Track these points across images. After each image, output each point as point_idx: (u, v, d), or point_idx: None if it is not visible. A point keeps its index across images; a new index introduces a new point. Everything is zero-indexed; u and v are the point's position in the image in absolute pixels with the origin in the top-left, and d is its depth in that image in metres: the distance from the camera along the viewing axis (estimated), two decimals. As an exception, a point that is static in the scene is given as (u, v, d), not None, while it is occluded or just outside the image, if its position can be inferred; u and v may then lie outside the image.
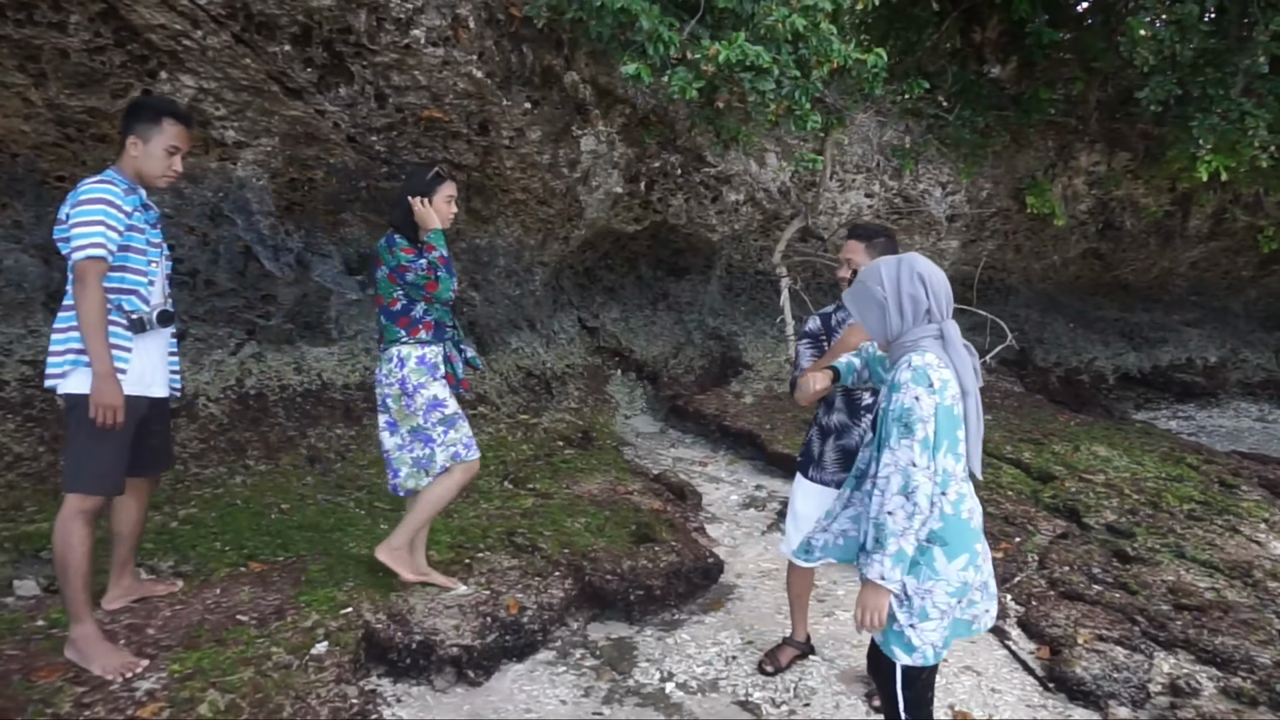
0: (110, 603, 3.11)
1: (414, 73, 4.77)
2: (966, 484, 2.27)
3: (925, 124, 8.49)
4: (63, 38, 4.00)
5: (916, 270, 2.30)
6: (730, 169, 7.71)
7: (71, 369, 2.72)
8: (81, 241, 2.66)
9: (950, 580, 2.21)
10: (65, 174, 4.61)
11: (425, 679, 3.24)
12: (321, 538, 3.85)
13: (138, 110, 2.94)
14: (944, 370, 2.21)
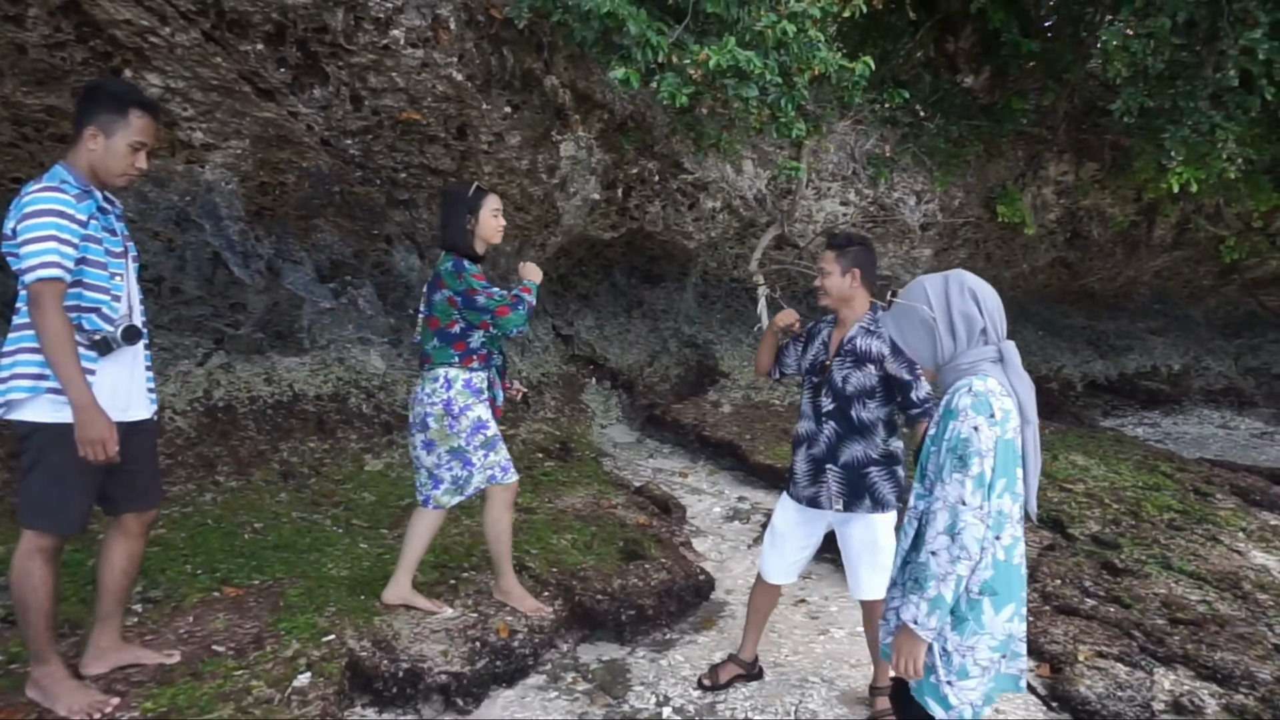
0: (89, 667, 2.74)
1: (391, 74, 4.61)
2: (1021, 526, 2.05)
3: (901, 133, 8.51)
4: (20, 32, 3.79)
5: (967, 285, 2.08)
6: (707, 176, 7.64)
7: (28, 396, 2.42)
8: (33, 261, 2.34)
9: (995, 634, 2.01)
10: (21, 175, 4.38)
11: (412, 708, 3.09)
12: (298, 558, 3.68)
13: (97, 97, 2.54)
14: (1006, 399, 1.99)
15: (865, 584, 3.13)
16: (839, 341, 3.13)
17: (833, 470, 3.07)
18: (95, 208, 2.55)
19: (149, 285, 4.75)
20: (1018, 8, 7.83)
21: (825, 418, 3.10)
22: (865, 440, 3.06)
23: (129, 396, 2.65)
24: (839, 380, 3.08)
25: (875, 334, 3.08)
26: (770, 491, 6.01)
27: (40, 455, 2.45)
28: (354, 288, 5.52)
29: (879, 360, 3.05)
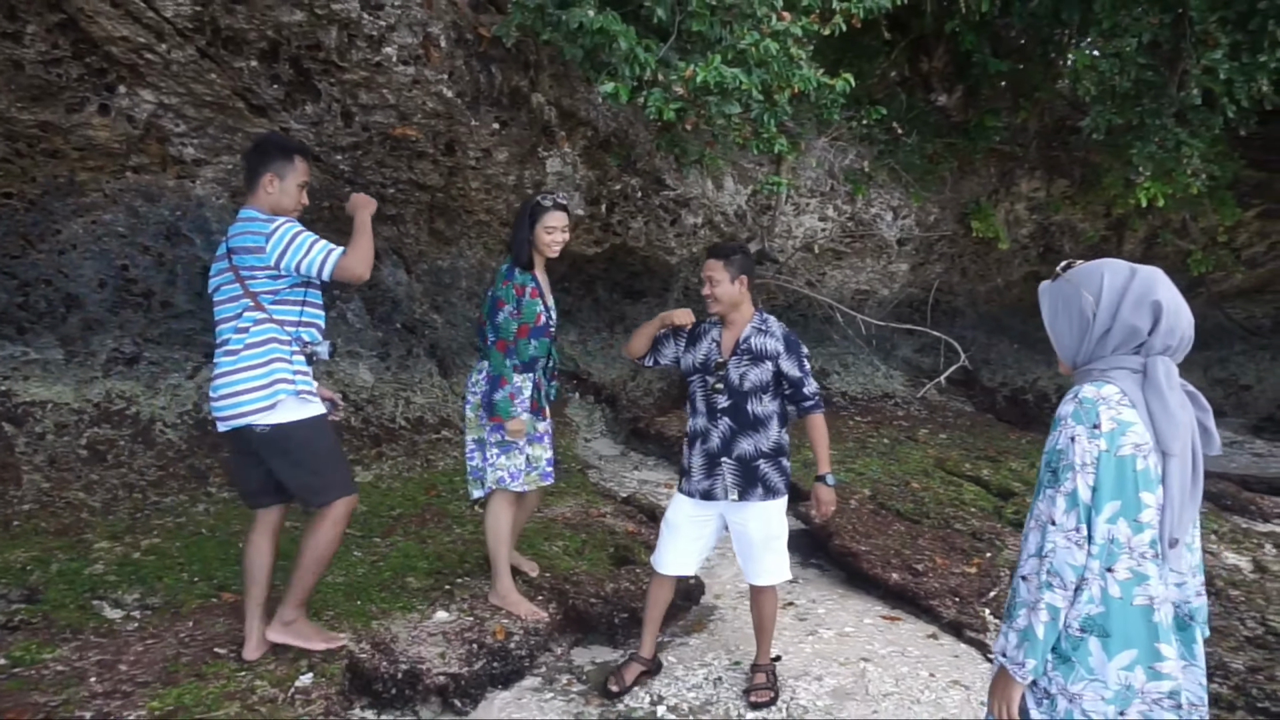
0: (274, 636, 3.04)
1: (383, 91, 4.70)
2: (1155, 563, 1.75)
3: (878, 150, 8.70)
4: (17, 49, 3.85)
5: (1150, 298, 1.78)
6: (689, 192, 7.76)
7: (285, 398, 2.86)
8: (321, 255, 2.88)
9: (1108, 682, 1.73)
10: (13, 190, 4.43)
11: (411, 710, 3.14)
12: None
13: (269, 149, 3.04)
14: (1124, 410, 1.74)
15: (764, 568, 3.34)
16: (733, 341, 3.30)
17: (727, 463, 3.26)
18: None
19: (139, 299, 4.79)
20: (989, 30, 8.05)
21: (720, 414, 3.27)
22: (758, 434, 3.27)
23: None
24: (736, 378, 3.25)
25: (767, 333, 3.31)
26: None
27: (310, 444, 2.92)
28: (342, 302, 5.57)
29: (774, 357, 3.26)
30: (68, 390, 4.43)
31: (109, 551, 3.57)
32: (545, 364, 3.63)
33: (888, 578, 4.33)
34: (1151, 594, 1.75)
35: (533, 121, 5.59)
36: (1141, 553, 1.74)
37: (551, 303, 3.66)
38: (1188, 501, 1.75)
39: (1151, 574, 1.74)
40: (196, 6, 3.87)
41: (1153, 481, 1.74)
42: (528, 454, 3.58)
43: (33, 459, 4.01)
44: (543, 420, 3.65)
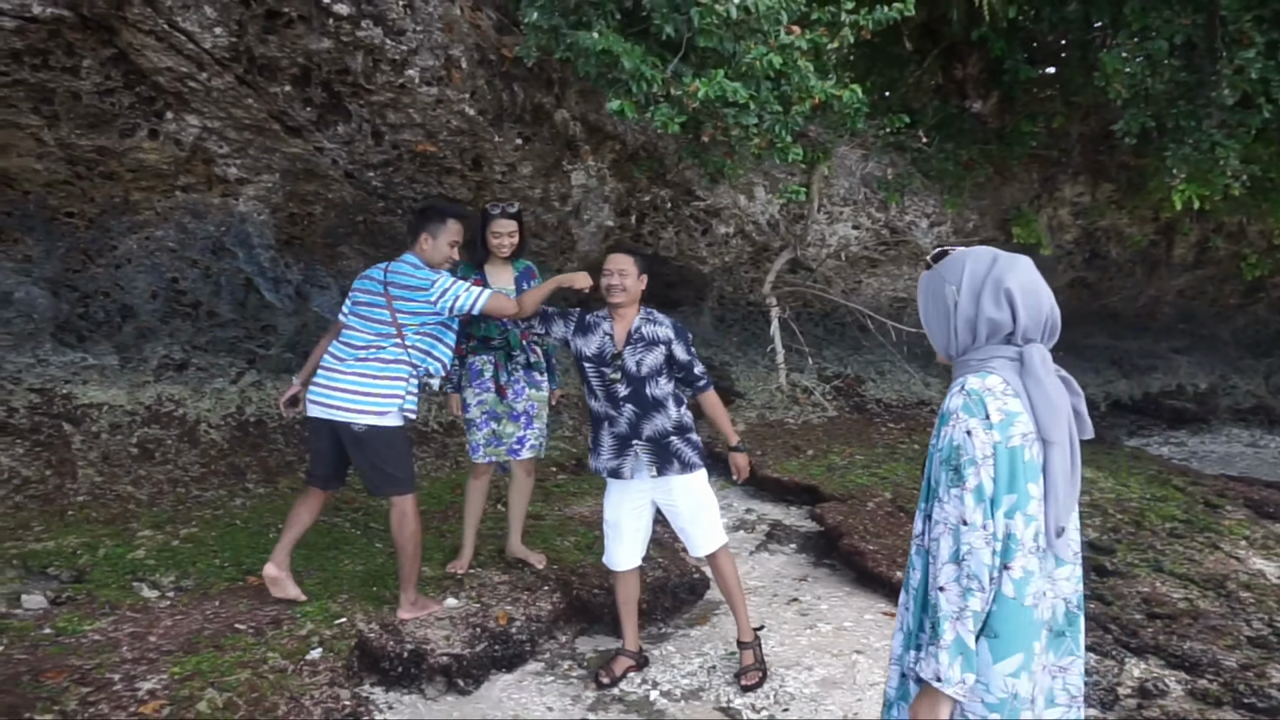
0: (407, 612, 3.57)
1: (409, 111, 4.98)
2: (1042, 559, 1.68)
3: (910, 157, 8.73)
4: (75, 81, 4.22)
5: (1005, 286, 1.74)
6: (719, 202, 7.92)
7: (395, 409, 3.45)
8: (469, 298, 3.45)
9: (990, 687, 1.64)
10: (74, 210, 4.82)
11: (416, 688, 3.35)
12: (318, 555, 3.98)
13: (428, 213, 3.66)
14: (1010, 400, 1.68)
15: (702, 538, 3.55)
16: (625, 332, 3.50)
17: (639, 444, 3.46)
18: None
19: (187, 310, 5.14)
20: (1019, 35, 8.04)
21: (623, 401, 3.46)
22: (660, 414, 3.46)
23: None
24: (632, 365, 3.44)
25: (655, 322, 3.55)
26: (777, 504, 6.20)
27: (398, 447, 3.51)
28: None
29: (666, 342, 3.48)
30: (121, 393, 4.80)
31: (151, 539, 3.89)
32: (502, 349, 3.95)
33: (892, 576, 4.40)
34: (1038, 591, 1.67)
35: (555, 136, 5.83)
36: (1029, 549, 1.65)
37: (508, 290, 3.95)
38: (1069, 488, 1.71)
39: (1035, 570, 1.66)
40: (232, 38, 4.20)
41: (1037, 472, 1.68)
42: (492, 428, 3.95)
43: (87, 455, 4.37)
44: (520, 400, 3.97)
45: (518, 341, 3.98)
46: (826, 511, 5.33)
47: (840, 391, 8.78)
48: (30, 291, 4.66)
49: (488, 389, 3.93)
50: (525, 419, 3.97)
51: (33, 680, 2.67)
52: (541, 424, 4.05)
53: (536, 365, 4.04)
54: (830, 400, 8.58)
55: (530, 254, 6.90)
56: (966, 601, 1.62)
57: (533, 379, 4.02)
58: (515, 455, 3.98)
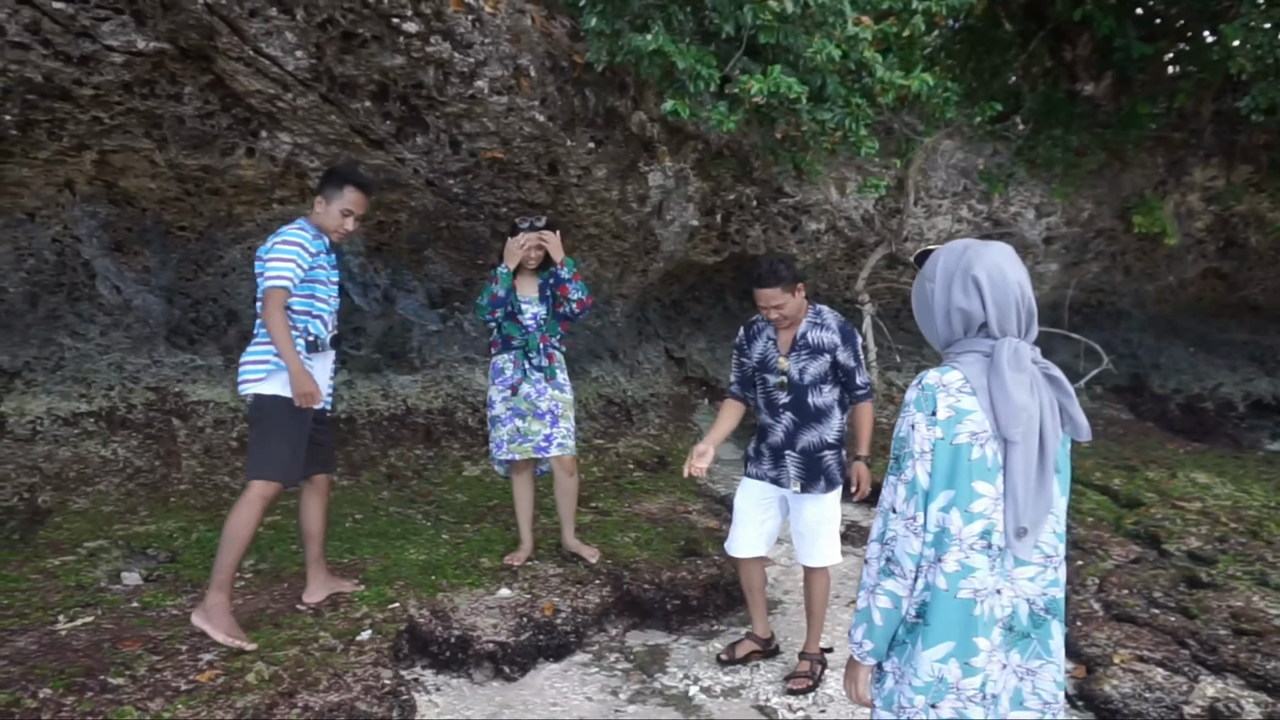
0: (311, 596, 3.54)
1: (482, 120, 5.18)
2: (993, 556, 1.71)
3: (1015, 146, 8.35)
4: (179, 106, 4.63)
5: (972, 273, 1.73)
6: (809, 198, 7.82)
7: (270, 374, 3.24)
8: (273, 274, 3.22)
9: (919, 672, 1.72)
10: (186, 224, 5.27)
11: (465, 672, 3.51)
12: (386, 544, 4.21)
13: (331, 175, 3.53)
14: (963, 397, 1.69)
15: (818, 553, 3.47)
16: (791, 338, 3.39)
17: (791, 456, 3.38)
18: (324, 248, 3.51)
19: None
20: (1131, 12, 7.56)
21: (782, 409, 3.37)
22: (821, 425, 3.39)
23: (324, 388, 3.46)
24: (796, 372, 3.36)
25: (823, 326, 3.40)
26: (860, 504, 6.08)
27: (272, 420, 3.22)
28: (460, 312, 6.13)
29: (831, 349, 3.36)
30: (225, 391, 5.21)
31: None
32: (520, 349, 4.10)
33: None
34: (977, 587, 1.70)
35: (629, 139, 5.92)
36: (970, 544, 1.69)
37: (530, 298, 4.17)
38: (1034, 490, 1.69)
39: (980, 566, 1.69)
40: (312, 59, 4.50)
41: (990, 471, 1.68)
42: (516, 425, 4.05)
43: (191, 448, 4.79)
44: (543, 399, 4.07)
45: (535, 344, 4.08)
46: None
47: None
48: (147, 299, 5.13)
49: (509, 385, 4.07)
50: (551, 417, 4.05)
51: (112, 647, 2.98)
52: (569, 423, 4.12)
53: (549, 370, 4.10)
54: (928, 399, 8.33)
55: (613, 255, 7.05)
56: (882, 580, 1.75)
57: (555, 381, 4.12)
58: (543, 452, 4.04)
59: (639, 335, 8.37)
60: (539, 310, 4.15)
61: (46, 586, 3.46)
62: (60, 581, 3.51)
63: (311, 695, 2.81)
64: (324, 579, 3.62)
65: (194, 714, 2.60)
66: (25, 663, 2.82)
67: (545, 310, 4.17)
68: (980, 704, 1.72)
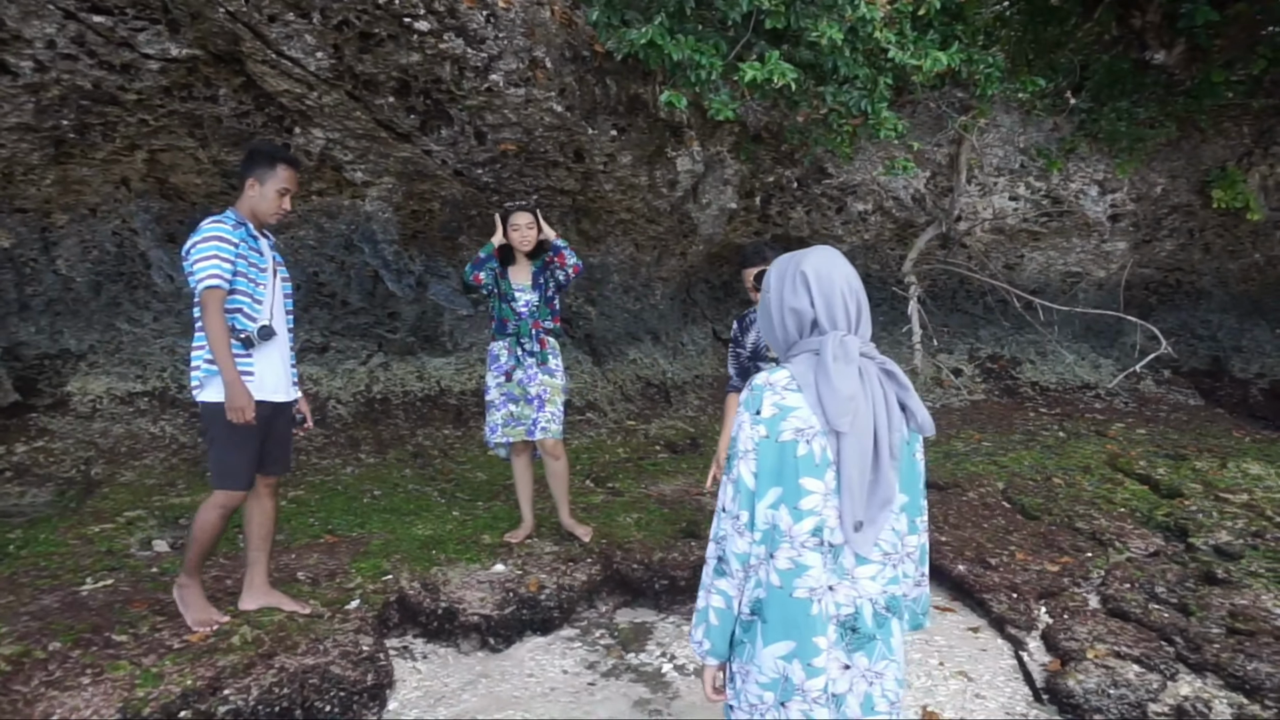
0: (243, 602, 3.37)
1: (503, 111, 5.35)
2: (828, 554, 1.70)
3: (1078, 120, 8.01)
4: (215, 107, 4.95)
5: (801, 271, 1.77)
6: (854, 179, 7.72)
7: (205, 379, 3.11)
8: (202, 274, 3.05)
9: (764, 669, 1.71)
10: (233, 216, 5.63)
11: (453, 642, 3.72)
12: (397, 519, 4.47)
13: (255, 155, 3.31)
14: (789, 394, 1.70)
15: None
16: None
17: None
18: (246, 234, 3.24)
19: (326, 299, 5.84)
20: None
21: None
22: None
23: (276, 382, 3.30)
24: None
25: None
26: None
27: (219, 427, 3.09)
28: (492, 297, 6.34)
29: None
30: (270, 372, 5.57)
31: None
32: (514, 335, 4.23)
33: (953, 569, 4.24)
34: (812, 585, 1.68)
35: (652, 125, 5.99)
36: (802, 542, 1.68)
37: (523, 285, 4.30)
38: (869, 483, 1.68)
39: (814, 564, 1.68)
40: (333, 59, 4.74)
41: (818, 467, 1.68)
42: (509, 410, 4.21)
43: (230, 425, 5.16)
44: (533, 384, 4.20)
45: (527, 330, 4.22)
46: (916, 500, 5.16)
47: (991, 374, 8.29)
48: (196, 286, 5.51)
49: (503, 371, 4.22)
50: (538, 402, 4.18)
51: (123, 607, 3.31)
52: (555, 408, 4.21)
53: (540, 355, 4.22)
54: (979, 383, 8.14)
55: (649, 239, 7.13)
56: (715, 579, 1.76)
57: (546, 366, 4.24)
58: (532, 435, 4.18)
59: (684, 317, 8.45)
60: (532, 297, 4.29)
61: (82, 551, 3.84)
62: (95, 547, 3.89)
63: (289, 658, 3.06)
64: (261, 587, 3.42)
65: (178, 670, 2.88)
66: (45, 619, 3.17)
67: (538, 297, 4.30)
68: (825, 705, 1.70)
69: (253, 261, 3.23)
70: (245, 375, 3.14)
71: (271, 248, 3.43)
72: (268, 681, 2.92)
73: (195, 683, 2.83)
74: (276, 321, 3.34)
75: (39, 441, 4.79)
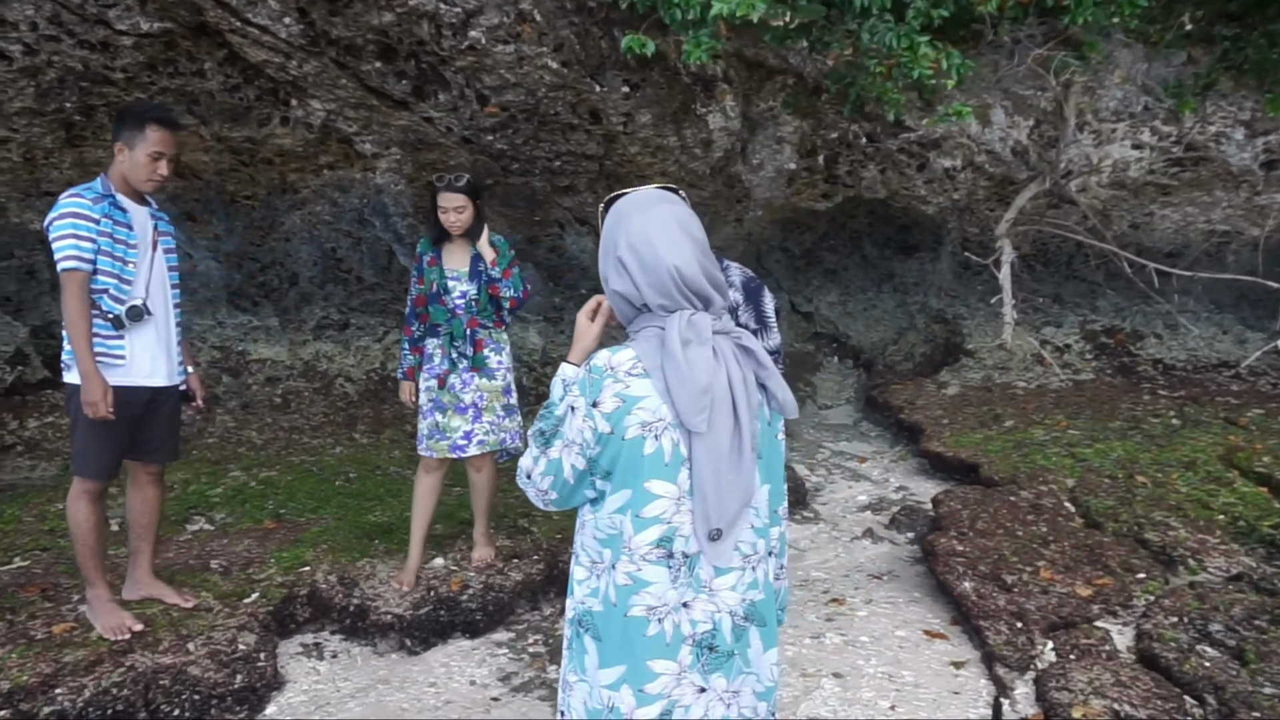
0: (126, 592, 3.24)
1: (499, 72, 4.99)
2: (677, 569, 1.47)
3: (1222, 49, 6.72)
4: (204, 82, 4.89)
5: (618, 254, 1.50)
6: (934, 132, 6.83)
7: (70, 362, 2.93)
8: (58, 255, 2.85)
9: (594, 691, 1.53)
10: (249, 194, 5.62)
11: (371, 641, 3.47)
12: (356, 504, 4.28)
13: (123, 116, 3.01)
14: (634, 380, 1.44)
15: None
16: None
17: None
18: (108, 209, 2.96)
19: (344, 275, 5.75)
20: None
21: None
22: None
23: (153, 366, 3.08)
24: None
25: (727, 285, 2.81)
26: (938, 480, 5.31)
27: (78, 413, 2.91)
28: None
29: (732, 310, 2.83)
30: (284, 350, 5.55)
31: (234, 479, 4.49)
32: (447, 335, 3.62)
33: (957, 585, 3.55)
34: (652, 604, 1.47)
35: (671, 80, 5.45)
36: (643, 554, 1.47)
37: (459, 273, 3.66)
38: (728, 484, 1.43)
39: (656, 579, 1.47)
40: (302, 25, 4.54)
41: (668, 467, 1.44)
42: (435, 419, 3.62)
43: (228, 404, 5.15)
44: (468, 391, 3.63)
45: (461, 331, 3.62)
46: (950, 497, 4.45)
47: (1105, 350, 7.19)
48: (209, 265, 5.56)
49: (435, 375, 3.64)
50: (474, 411, 3.61)
51: (15, 591, 3.26)
52: (494, 417, 3.67)
53: (476, 359, 3.63)
54: (1088, 360, 7.08)
55: (694, 205, 6.60)
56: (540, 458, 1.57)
57: (486, 369, 3.67)
58: (460, 452, 3.59)
59: (753, 290, 7.86)
60: (469, 289, 3.65)
61: (29, 529, 3.87)
62: (44, 525, 3.92)
63: (144, 656, 2.89)
64: (144, 578, 3.27)
65: (20, 664, 2.77)
66: (-60, 599, 3.17)
67: (477, 289, 3.66)
68: None
69: (119, 238, 2.98)
70: (115, 360, 2.97)
71: (154, 217, 3.17)
72: (108, 681, 2.76)
73: (29, 679, 2.71)
74: (154, 300, 3.10)
75: (49, 417, 4.95)
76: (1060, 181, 7.07)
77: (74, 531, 3.02)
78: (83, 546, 3.03)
